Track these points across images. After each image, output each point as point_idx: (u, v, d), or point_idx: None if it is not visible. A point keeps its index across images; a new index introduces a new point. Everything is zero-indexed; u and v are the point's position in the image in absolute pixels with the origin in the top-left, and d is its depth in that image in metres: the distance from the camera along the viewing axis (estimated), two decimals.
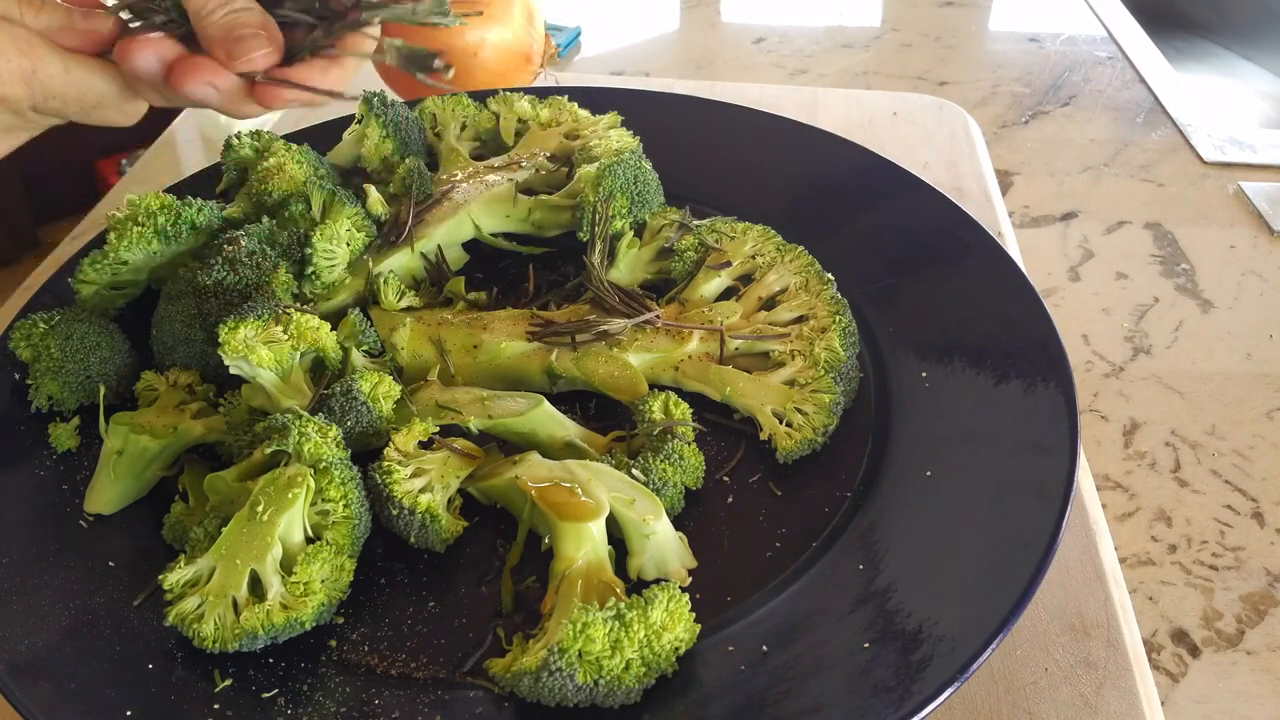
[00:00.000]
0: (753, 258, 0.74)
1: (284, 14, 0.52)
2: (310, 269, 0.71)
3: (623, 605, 0.51)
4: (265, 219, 0.72)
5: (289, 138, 0.83)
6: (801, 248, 0.74)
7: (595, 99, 0.90)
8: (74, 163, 2.15)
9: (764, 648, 0.54)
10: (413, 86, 1.03)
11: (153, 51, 0.50)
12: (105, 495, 0.62)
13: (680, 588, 0.53)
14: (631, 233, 0.77)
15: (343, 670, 0.54)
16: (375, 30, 0.54)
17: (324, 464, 0.56)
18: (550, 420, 0.64)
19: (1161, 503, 0.75)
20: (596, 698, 0.50)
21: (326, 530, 0.56)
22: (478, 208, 0.79)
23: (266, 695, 0.53)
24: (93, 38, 0.49)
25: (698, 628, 0.53)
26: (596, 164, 0.78)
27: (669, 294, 0.74)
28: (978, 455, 0.62)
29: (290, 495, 0.55)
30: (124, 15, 0.52)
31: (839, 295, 0.71)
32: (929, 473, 0.62)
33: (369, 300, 0.74)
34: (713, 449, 0.66)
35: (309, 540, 0.56)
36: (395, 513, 0.58)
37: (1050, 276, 0.97)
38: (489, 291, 0.76)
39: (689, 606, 0.52)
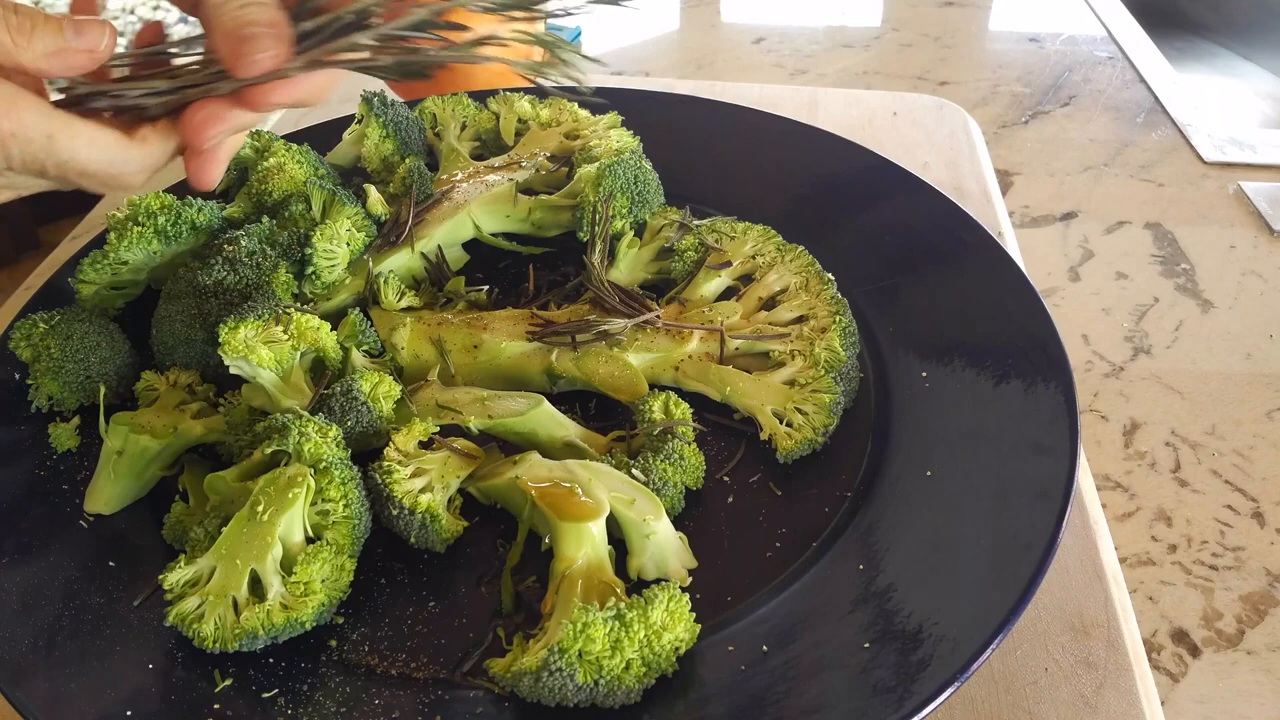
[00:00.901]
0: (753, 258, 0.74)
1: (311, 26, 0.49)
2: (310, 269, 0.71)
3: (623, 605, 0.51)
4: (265, 219, 0.72)
5: (289, 138, 0.83)
6: (801, 248, 0.74)
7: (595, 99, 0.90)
8: None
9: (764, 648, 0.54)
10: (412, 86, 1.03)
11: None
12: (105, 495, 0.62)
13: (680, 588, 0.53)
14: (631, 233, 0.77)
15: (343, 670, 0.54)
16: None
17: (324, 464, 0.56)
18: (550, 420, 0.64)
19: (1161, 503, 0.75)
20: (596, 698, 0.50)
21: (326, 530, 0.56)
22: (478, 208, 0.79)
23: (266, 695, 0.53)
24: (91, 57, 0.47)
25: (698, 628, 0.53)
26: (596, 164, 0.78)
27: (669, 294, 0.74)
28: (978, 455, 0.62)
29: (290, 495, 0.55)
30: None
31: (839, 295, 0.71)
32: (929, 473, 0.62)
33: (369, 300, 0.74)
34: (713, 449, 0.66)
35: (309, 540, 0.56)
36: (395, 513, 0.58)
37: (1050, 276, 0.97)
38: (489, 291, 0.76)
39: (689, 606, 0.52)
